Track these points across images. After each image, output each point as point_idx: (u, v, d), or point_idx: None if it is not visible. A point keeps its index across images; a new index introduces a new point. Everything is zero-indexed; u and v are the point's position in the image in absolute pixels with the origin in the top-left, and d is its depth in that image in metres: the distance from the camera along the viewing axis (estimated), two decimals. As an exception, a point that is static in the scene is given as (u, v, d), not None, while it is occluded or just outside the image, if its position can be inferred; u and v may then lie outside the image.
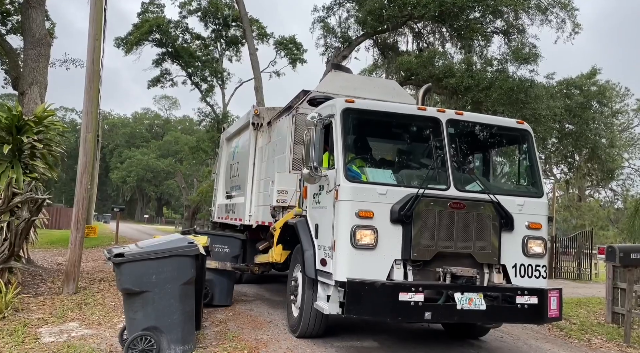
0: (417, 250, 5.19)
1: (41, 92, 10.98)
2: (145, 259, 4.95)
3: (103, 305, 7.32)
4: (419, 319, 5.03)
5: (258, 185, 9.31)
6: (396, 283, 4.97)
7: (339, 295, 5.17)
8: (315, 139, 5.52)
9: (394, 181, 5.57)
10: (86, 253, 13.09)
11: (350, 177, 5.36)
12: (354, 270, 5.04)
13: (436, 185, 5.49)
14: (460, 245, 5.34)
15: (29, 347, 5.24)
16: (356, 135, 6.01)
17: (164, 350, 4.97)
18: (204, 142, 30.42)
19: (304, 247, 5.85)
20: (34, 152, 8.67)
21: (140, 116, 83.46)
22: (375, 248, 5.13)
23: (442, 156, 5.59)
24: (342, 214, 5.20)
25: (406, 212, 5.14)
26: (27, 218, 7.34)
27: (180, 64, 29.16)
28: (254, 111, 9.59)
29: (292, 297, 6.38)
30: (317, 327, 5.93)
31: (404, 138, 6.60)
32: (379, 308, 4.88)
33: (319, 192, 5.86)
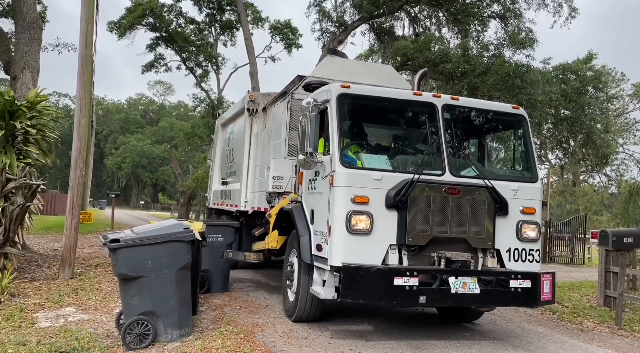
0: (412, 235, 5.24)
1: (34, 77, 10.85)
2: (141, 245, 4.96)
3: (99, 290, 7.34)
4: (413, 303, 5.08)
5: (254, 171, 9.30)
6: (391, 268, 5.02)
7: (334, 280, 5.22)
8: (311, 124, 5.49)
9: (389, 167, 5.57)
10: (82, 239, 13.09)
11: (346, 162, 5.36)
12: (349, 255, 5.09)
13: (431, 171, 5.51)
14: (455, 230, 5.39)
15: (26, 332, 5.26)
16: (352, 120, 6.00)
17: (161, 335, 5.01)
18: (199, 128, 30.28)
19: (300, 233, 5.87)
20: (28, 137, 8.60)
21: (135, 102, 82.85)
22: (370, 234, 5.17)
23: (438, 141, 5.59)
24: (337, 200, 5.22)
25: (401, 197, 5.18)
26: (22, 204, 7.31)
27: (174, 49, 28.87)
28: (249, 97, 9.55)
29: (287, 282, 6.40)
30: (313, 311, 5.96)
31: (399, 123, 6.62)
32: (374, 293, 4.93)
33: (314, 177, 5.87)
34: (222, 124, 12.31)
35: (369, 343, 5.44)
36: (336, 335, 5.71)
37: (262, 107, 9.40)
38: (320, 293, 5.39)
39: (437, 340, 5.73)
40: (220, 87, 32.94)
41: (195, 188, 29.41)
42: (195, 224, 6.07)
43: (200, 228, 6.02)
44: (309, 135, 5.48)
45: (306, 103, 5.71)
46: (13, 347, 4.71)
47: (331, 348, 5.17)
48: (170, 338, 5.03)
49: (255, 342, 5.18)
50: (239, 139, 10.22)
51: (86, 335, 5.15)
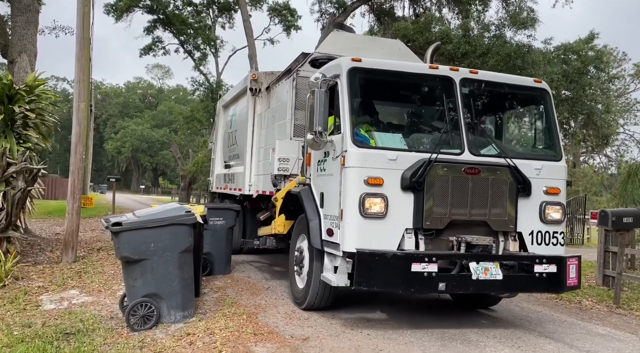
0: (430, 218, 4.99)
1: (31, 61, 10.77)
2: (143, 228, 4.99)
3: (102, 273, 7.40)
4: (432, 290, 4.86)
5: (258, 153, 9.01)
6: (408, 254, 4.79)
7: (347, 267, 4.98)
8: (319, 101, 5.17)
9: (404, 146, 5.29)
10: (84, 223, 13.15)
11: (358, 142, 5.09)
12: (363, 241, 4.85)
13: (449, 150, 5.22)
14: (475, 213, 5.13)
15: (31, 314, 5.33)
16: (363, 96, 5.64)
17: (164, 316, 5.07)
18: (198, 112, 30.15)
19: (309, 217, 5.61)
20: (27, 121, 8.57)
21: (133, 85, 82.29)
22: (385, 217, 4.93)
23: (456, 118, 5.27)
24: (349, 181, 4.97)
25: (418, 178, 4.92)
26: (23, 188, 7.32)
27: (172, 32, 28.59)
28: (252, 76, 9.19)
29: (296, 268, 6.15)
30: (325, 299, 5.70)
31: (414, 99, 6.20)
32: (390, 280, 4.71)
33: (324, 158, 5.60)
34: (223, 106, 12.00)
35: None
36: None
37: (266, 87, 9.03)
38: (332, 280, 5.14)
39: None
40: (219, 70, 32.72)
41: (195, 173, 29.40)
42: (197, 208, 6.09)
43: (201, 212, 6.04)
44: (318, 113, 5.16)
45: (314, 79, 5.34)
46: (19, 329, 4.77)
47: (332, 328, 5.24)
48: (174, 319, 5.09)
49: (258, 323, 5.24)
50: (241, 120, 9.92)
51: (90, 317, 5.22)
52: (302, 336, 4.93)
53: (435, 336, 5.16)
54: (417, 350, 4.70)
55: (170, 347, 4.42)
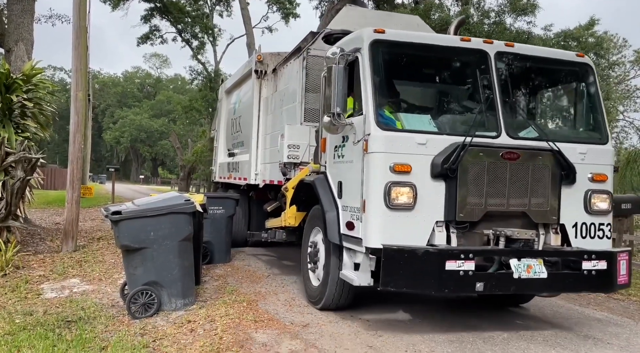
0: (464, 209, 4.49)
1: (28, 49, 10.69)
2: (142, 217, 5.00)
3: (103, 262, 7.43)
4: (468, 291, 4.43)
5: (264, 140, 8.47)
6: (442, 250, 4.32)
7: (370, 264, 4.50)
8: (337, 79, 4.63)
9: (434, 128, 4.77)
10: (83, 213, 13.17)
11: (383, 124, 4.56)
12: (389, 235, 4.39)
13: (484, 132, 4.70)
14: (513, 203, 4.63)
15: (32, 302, 5.36)
16: (388, 72, 5.03)
17: (165, 304, 5.10)
18: (196, 101, 30.01)
19: (325, 208, 5.11)
20: (25, 111, 8.54)
21: (131, 75, 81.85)
22: (413, 209, 4.44)
23: (491, 96, 4.75)
24: (373, 169, 4.47)
25: (450, 164, 4.41)
26: (22, 178, 7.32)
27: (169, 20, 28.35)
28: (257, 57, 8.55)
29: (310, 265, 5.66)
30: (343, 298, 5.24)
31: (444, 76, 5.61)
32: (421, 280, 4.27)
33: (342, 144, 5.08)
34: (226, 91, 11.48)
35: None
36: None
37: (272, 69, 8.42)
38: (353, 279, 4.67)
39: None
40: (217, 59, 32.51)
41: (194, 162, 29.38)
42: (196, 196, 6.09)
43: (201, 201, 6.05)
44: (335, 92, 4.62)
45: (331, 54, 4.79)
46: (20, 317, 4.81)
47: (332, 315, 5.27)
48: (175, 307, 5.13)
49: (258, 310, 5.28)
50: (246, 105, 9.36)
51: (92, 305, 5.26)
52: (302, 323, 4.96)
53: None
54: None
55: (172, 334, 4.45)
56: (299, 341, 4.40)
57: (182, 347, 4.15)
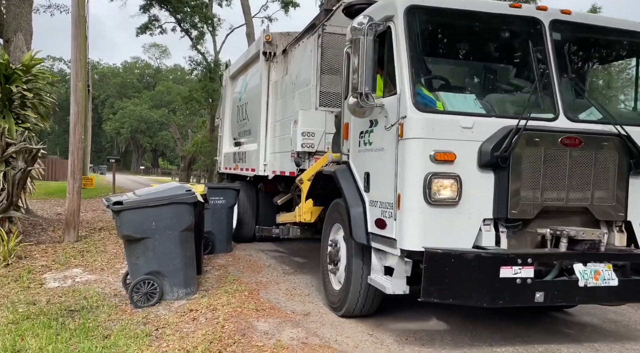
0: (517, 205, 3.85)
1: (27, 40, 10.64)
2: (144, 207, 5.02)
3: (105, 252, 7.47)
4: (526, 302, 3.78)
5: (273, 128, 7.92)
6: (496, 254, 3.70)
7: (405, 269, 3.95)
8: (366, 53, 3.96)
9: (481, 109, 4.12)
10: (85, 203, 13.20)
11: (422, 104, 3.92)
12: (430, 236, 3.79)
13: (540, 114, 4.06)
14: (574, 197, 3.98)
15: (35, 292, 5.40)
16: (425, 44, 4.41)
17: (167, 293, 5.14)
18: (196, 91, 29.95)
19: (349, 204, 4.53)
20: (25, 101, 8.52)
21: (131, 65, 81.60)
22: (457, 205, 3.82)
23: (546, 72, 4.10)
24: (410, 158, 3.84)
25: (502, 152, 3.77)
26: (23, 168, 7.33)
27: (168, 10, 28.19)
28: (265, 37, 7.92)
29: (330, 266, 5.13)
30: (368, 304, 4.67)
31: (491, 48, 4.88)
32: (471, 290, 3.68)
33: (369, 129, 4.47)
34: (231, 77, 10.86)
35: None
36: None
37: (282, 50, 7.80)
38: (386, 286, 4.10)
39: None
40: (217, 49, 32.34)
41: (195, 153, 29.40)
42: (197, 187, 6.11)
43: (202, 191, 6.07)
44: (363, 69, 3.96)
45: (358, 24, 4.08)
46: (24, 306, 4.84)
47: (333, 304, 5.30)
48: (177, 296, 5.16)
49: (259, 299, 5.32)
50: (253, 91, 8.79)
51: (94, 295, 5.30)
52: (303, 311, 5.00)
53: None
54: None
55: (174, 323, 4.49)
56: (300, 329, 4.44)
57: (185, 335, 4.19)
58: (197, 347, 3.88)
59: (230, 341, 4.06)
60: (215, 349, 3.89)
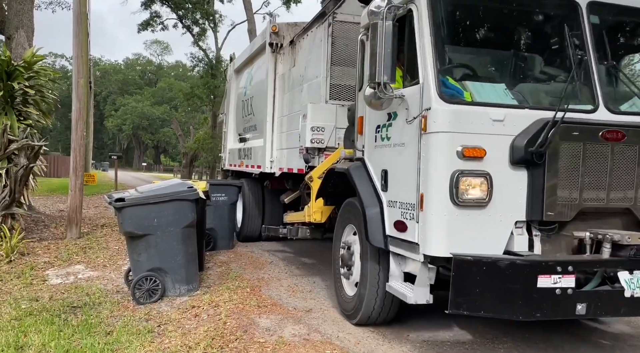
0: (553, 206, 3.50)
1: (29, 36, 10.65)
2: (146, 203, 5.03)
3: (107, 249, 7.49)
4: (566, 314, 3.42)
5: (280, 123, 7.61)
6: (534, 261, 3.33)
7: (429, 276, 3.69)
8: (384, 38, 3.64)
9: (513, 100, 3.76)
10: (87, 200, 13.23)
11: (448, 95, 3.58)
12: (458, 240, 3.45)
13: (577, 106, 3.70)
14: (615, 197, 3.63)
15: (38, 288, 5.42)
16: (451, 28, 4.04)
17: (169, 290, 5.15)
18: (198, 88, 29.99)
19: (365, 204, 4.23)
20: (27, 98, 8.54)
21: (132, 62, 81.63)
22: (487, 206, 3.48)
23: (584, 59, 3.75)
24: (435, 154, 3.51)
25: (537, 147, 3.43)
26: (25, 165, 7.35)
27: (170, 6, 28.24)
28: (271, 28, 7.61)
29: (342, 270, 4.80)
30: (385, 312, 4.37)
31: (522, 33, 4.44)
32: (505, 301, 3.31)
33: (387, 122, 4.15)
34: (235, 70, 10.49)
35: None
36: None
37: (289, 41, 7.48)
38: (407, 295, 3.79)
39: None
40: (219, 45, 32.38)
41: (197, 150, 29.45)
42: (199, 183, 6.12)
43: (203, 188, 6.08)
44: (381, 56, 3.64)
45: (375, 7, 3.76)
46: (26, 303, 4.86)
47: (335, 300, 5.31)
48: (179, 293, 5.18)
49: (261, 296, 5.33)
50: (259, 84, 8.49)
51: (97, 291, 5.31)
52: (305, 308, 5.01)
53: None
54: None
55: (176, 319, 4.50)
56: (302, 326, 4.45)
57: (187, 331, 4.20)
58: (199, 343, 3.90)
59: (232, 337, 4.07)
60: (217, 345, 3.90)
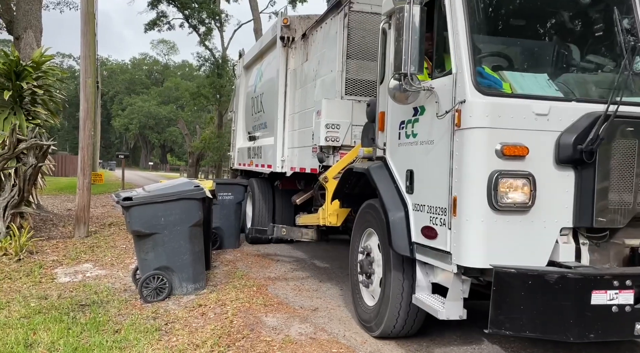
0: (604, 211, 3.13)
1: (37, 36, 10.74)
2: (153, 202, 5.05)
3: (114, 247, 7.54)
4: (623, 335, 3.09)
5: (291, 120, 7.30)
6: (587, 274, 2.95)
7: (462, 289, 3.35)
8: (412, 25, 3.30)
9: (557, 92, 3.36)
10: (94, 199, 13.32)
11: (485, 86, 3.22)
12: (497, 250, 3.10)
13: (629, 98, 3.33)
14: None
15: (46, 287, 5.46)
16: (487, 13, 3.68)
17: (176, 288, 5.18)
18: (204, 87, 30.05)
19: (387, 207, 3.88)
20: (35, 98, 8.61)
21: (139, 62, 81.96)
22: (530, 211, 3.13)
23: (638, 46, 3.38)
24: (471, 152, 3.15)
25: (588, 144, 3.07)
26: (34, 164, 7.41)
27: (176, 6, 28.29)
28: (282, 21, 7.29)
29: (361, 277, 4.48)
30: (409, 324, 4.02)
31: (566, 17, 3.97)
32: (554, 320, 2.94)
33: (413, 118, 3.79)
34: (245, 66, 10.14)
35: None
36: (346, 286, 5.82)
37: (301, 34, 7.15)
38: (438, 311, 3.43)
39: None
40: (225, 45, 32.41)
41: (203, 149, 29.52)
42: (206, 183, 6.14)
43: (210, 187, 6.10)
44: (408, 44, 3.29)
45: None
46: (35, 301, 4.91)
47: (341, 299, 5.32)
48: (186, 291, 5.20)
49: (268, 294, 5.34)
50: (269, 80, 8.21)
51: (104, 289, 5.35)
52: (311, 307, 5.02)
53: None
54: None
55: (183, 318, 4.53)
56: (308, 325, 4.46)
57: (194, 330, 4.22)
58: (206, 342, 3.91)
59: (239, 336, 4.09)
60: (224, 344, 3.91)
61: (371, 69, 5.66)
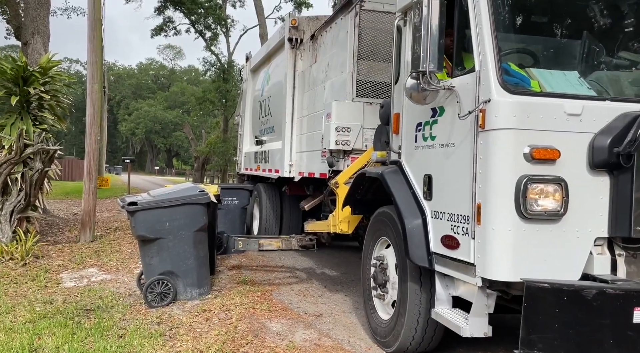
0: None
1: (44, 42, 10.82)
2: (158, 207, 5.06)
3: (120, 252, 7.55)
4: None
5: (300, 124, 7.16)
6: (629, 289, 2.73)
7: (487, 303, 3.09)
8: (430, 21, 3.10)
9: (589, 91, 3.15)
10: (100, 203, 13.37)
11: (511, 84, 2.99)
12: (527, 262, 2.88)
13: None
14: None
15: (52, 291, 5.48)
16: (513, 6, 3.43)
17: (181, 293, 5.18)
18: (210, 92, 30.16)
19: (403, 214, 3.65)
20: (42, 103, 8.67)
21: (145, 67, 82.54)
22: (561, 219, 2.89)
23: None
24: (497, 155, 2.91)
25: (626, 147, 2.84)
26: (40, 169, 7.45)
27: (182, 11, 28.47)
28: (291, 22, 7.18)
29: (376, 291, 4.22)
30: (427, 340, 3.77)
31: (596, 11, 3.72)
32: (592, 340, 2.71)
33: (431, 119, 3.58)
34: (252, 70, 10.07)
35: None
36: (350, 292, 5.80)
37: (310, 35, 7.04)
38: (461, 327, 3.16)
39: None
40: (230, 50, 32.59)
41: (208, 154, 29.59)
42: (211, 187, 6.14)
43: (215, 191, 6.09)
44: (427, 40, 3.09)
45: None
46: (40, 305, 4.92)
47: (346, 305, 5.30)
48: (190, 296, 5.20)
49: (272, 300, 5.33)
50: (277, 83, 8.06)
51: (109, 294, 5.36)
52: (315, 312, 5.00)
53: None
54: None
55: (187, 323, 4.52)
56: (312, 330, 4.44)
57: (198, 335, 4.21)
58: (211, 347, 3.91)
59: (243, 342, 4.07)
60: (228, 350, 3.90)
61: (383, 70, 5.57)
